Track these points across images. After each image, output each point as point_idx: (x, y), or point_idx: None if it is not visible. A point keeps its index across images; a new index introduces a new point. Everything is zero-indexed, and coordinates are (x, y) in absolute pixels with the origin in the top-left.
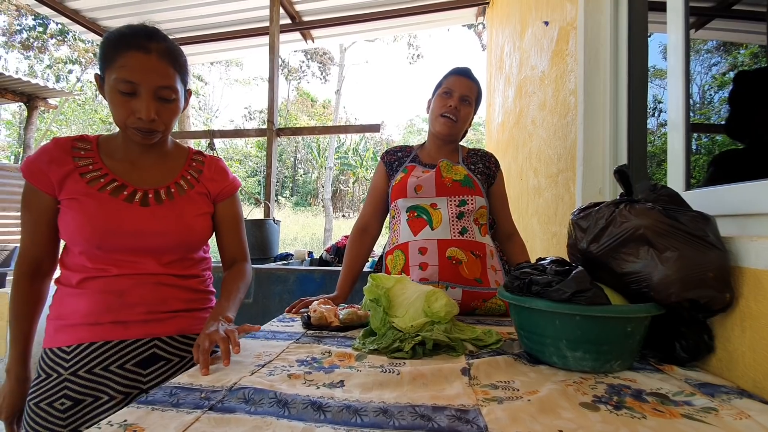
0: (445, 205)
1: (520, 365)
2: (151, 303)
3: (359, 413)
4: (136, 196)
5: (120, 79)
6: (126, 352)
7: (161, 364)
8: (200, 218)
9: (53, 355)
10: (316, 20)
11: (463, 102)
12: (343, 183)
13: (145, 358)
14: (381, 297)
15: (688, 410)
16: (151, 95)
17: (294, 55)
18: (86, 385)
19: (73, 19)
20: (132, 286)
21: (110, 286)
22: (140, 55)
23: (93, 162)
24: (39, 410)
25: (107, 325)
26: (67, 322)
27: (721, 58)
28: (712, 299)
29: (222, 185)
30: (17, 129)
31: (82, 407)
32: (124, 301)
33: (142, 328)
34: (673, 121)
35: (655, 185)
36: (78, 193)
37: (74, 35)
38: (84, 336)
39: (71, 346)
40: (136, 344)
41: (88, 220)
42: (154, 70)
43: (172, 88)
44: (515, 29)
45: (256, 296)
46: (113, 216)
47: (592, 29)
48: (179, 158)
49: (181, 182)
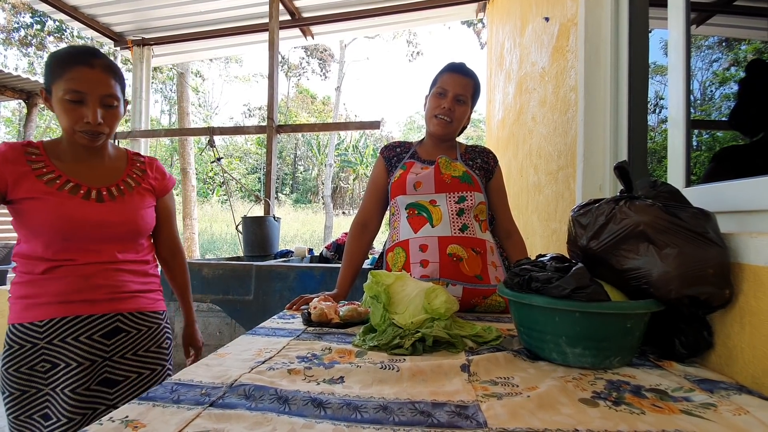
0: (444, 201)
1: (519, 361)
2: (113, 285)
3: (359, 409)
4: (91, 194)
5: (69, 89)
6: (93, 325)
7: (122, 336)
8: (148, 210)
9: (24, 329)
10: (316, 16)
11: (458, 102)
12: (343, 180)
13: (109, 331)
14: (381, 294)
15: (687, 406)
16: (97, 103)
17: (294, 52)
18: (60, 352)
19: (72, 15)
20: (96, 272)
21: (77, 272)
22: (86, 69)
23: (45, 165)
24: (20, 374)
25: (77, 303)
26: (37, 301)
27: (723, 54)
28: (711, 296)
29: (163, 182)
30: (17, 126)
31: (58, 370)
32: (90, 283)
33: (107, 306)
34: (674, 117)
35: (656, 182)
36: (39, 192)
37: (72, 32)
38: (56, 312)
39: (43, 321)
40: (102, 318)
41: (56, 216)
42: (99, 81)
43: (114, 96)
44: (515, 25)
45: (256, 293)
46: (76, 212)
47: (592, 25)
48: (121, 159)
49: (128, 180)
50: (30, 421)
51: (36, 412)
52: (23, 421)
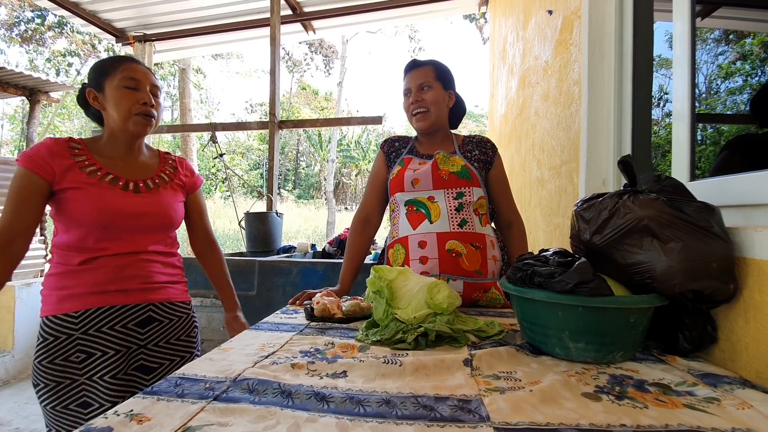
0: (442, 197)
1: (522, 356)
2: (145, 276)
3: (362, 403)
4: (129, 186)
5: (126, 77)
6: (127, 315)
7: (154, 325)
8: (179, 204)
9: (59, 321)
10: (317, 11)
11: (423, 89)
12: (346, 176)
13: (142, 320)
14: (384, 288)
15: (691, 400)
16: (147, 90)
17: (298, 48)
18: (96, 342)
19: (73, 11)
20: (130, 263)
21: (112, 262)
22: (136, 65)
23: (87, 159)
24: (54, 365)
25: (112, 293)
26: (73, 292)
27: (728, 48)
28: (715, 290)
29: (192, 179)
30: (20, 123)
31: (94, 359)
32: (124, 274)
33: (140, 296)
34: (679, 111)
35: (660, 176)
36: (81, 183)
37: (72, 27)
38: (92, 302)
39: (79, 311)
40: (135, 308)
41: (96, 205)
42: (148, 74)
43: (159, 87)
44: (518, 19)
45: (259, 288)
46: (116, 201)
47: (596, 18)
48: (154, 158)
49: (162, 175)
50: (66, 411)
51: (72, 402)
52: (60, 412)
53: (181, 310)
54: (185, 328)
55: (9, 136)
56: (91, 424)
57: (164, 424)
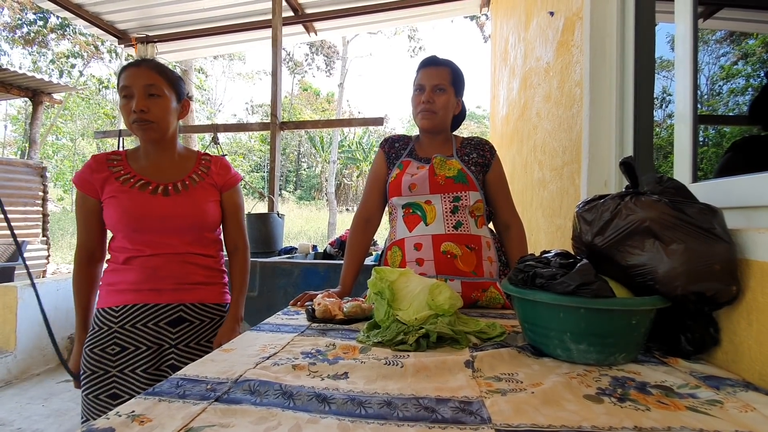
0: (439, 201)
1: (524, 358)
2: (178, 276)
3: (363, 405)
4: (158, 189)
5: (122, 87)
6: (159, 313)
7: (185, 325)
8: (211, 204)
9: (105, 313)
10: (319, 12)
11: (437, 92)
12: (347, 177)
13: (174, 319)
14: (385, 290)
15: (693, 402)
16: (141, 94)
17: (299, 48)
18: (130, 336)
19: (76, 13)
20: (163, 264)
21: (147, 263)
22: (133, 68)
23: (123, 168)
24: (94, 354)
25: (145, 292)
26: (117, 288)
27: (731, 49)
28: (718, 292)
29: (226, 177)
30: (23, 124)
31: (127, 353)
32: (157, 274)
33: (172, 295)
34: (681, 112)
35: (662, 177)
36: (115, 192)
37: (74, 29)
38: (129, 299)
39: (119, 306)
40: (167, 307)
41: (125, 210)
42: (142, 75)
43: (156, 86)
44: (520, 20)
45: (261, 290)
46: (143, 205)
47: (598, 19)
48: (190, 159)
49: (193, 176)
50: (97, 401)
51: (102, 393)
52: (92, 400)
53: (214, 312)
54: (216, 330)
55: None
56: (93, 425)
57: (166, 425)
